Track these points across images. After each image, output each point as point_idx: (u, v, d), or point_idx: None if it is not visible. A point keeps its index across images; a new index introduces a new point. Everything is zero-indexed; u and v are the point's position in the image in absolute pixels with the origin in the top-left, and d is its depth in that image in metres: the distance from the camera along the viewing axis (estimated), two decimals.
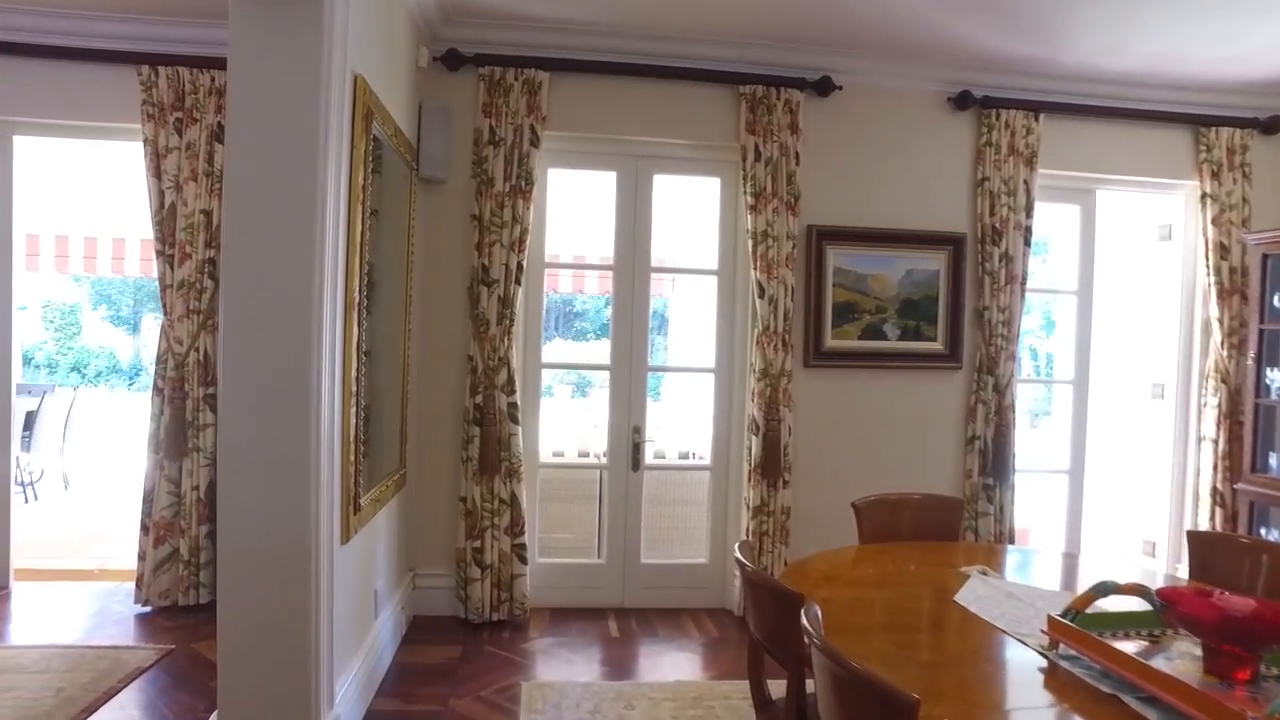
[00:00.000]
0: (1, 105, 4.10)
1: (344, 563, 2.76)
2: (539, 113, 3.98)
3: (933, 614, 2.06)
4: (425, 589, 4.12)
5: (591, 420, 7.09)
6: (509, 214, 3.95)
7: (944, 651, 1.82)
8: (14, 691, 3.11)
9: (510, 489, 4.01)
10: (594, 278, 8.40)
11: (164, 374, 3.98)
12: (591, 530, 4.80)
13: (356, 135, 2.71)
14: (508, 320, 3.95)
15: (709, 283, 4.52)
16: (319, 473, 2.44)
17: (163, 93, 3.95)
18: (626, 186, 4.29)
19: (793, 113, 4.14)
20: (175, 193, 3.95)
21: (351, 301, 2.72)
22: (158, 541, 3.98)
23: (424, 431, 4.09)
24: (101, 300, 17.49)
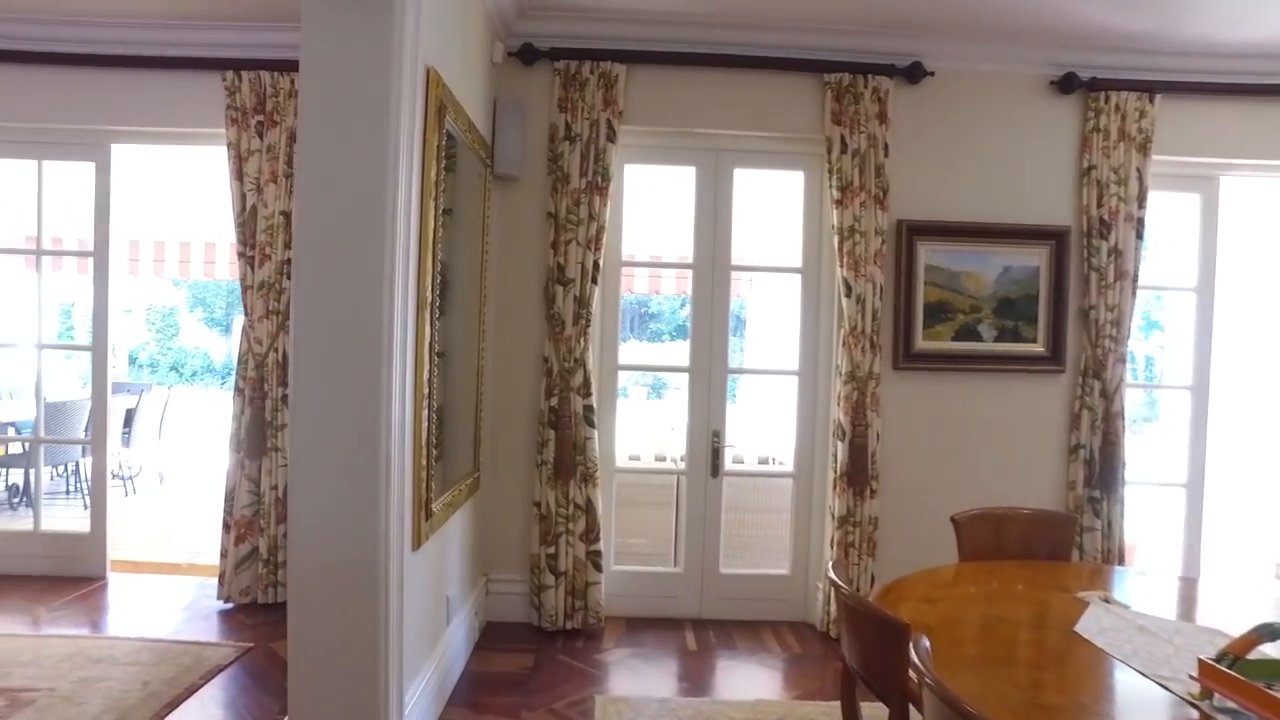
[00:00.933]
0: (100, 115, 4.24)
1: (415, 569, 2.69)
2: (615, 107, 3.87)
3: (1053, 647, 1.84)
4: (498, 595, 4.05)
5: (669, 423, 6.96)
6: (585, 211, 3.85)
7: (1071, 694, 1.61)
8: (106, 682, 3.17)
9: (585, 494, 3.91)
10: (671, 278, 8.27)
11: (245, 374, 4.03)
12: (667, 537, 4.66)
13: (429, 129, 2.64)
14: (584, 321, 3.85)
15: (790, 282, 4.33)
16: (389, 478, 2.37)
17: (245, 97, 4.00)
18: (706, 182, 4.14)
19: (881, 101, 3.92)
20: (256, 195, 4.00)
21: (424, 301, 2.65)
22: (238, 540, 4.03)
23: (498, 434, 4.03)
24: (197, 303, 18.31)
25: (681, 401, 4.28)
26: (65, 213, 4.58)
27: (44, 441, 4.96)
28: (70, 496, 6.41)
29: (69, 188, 4.56)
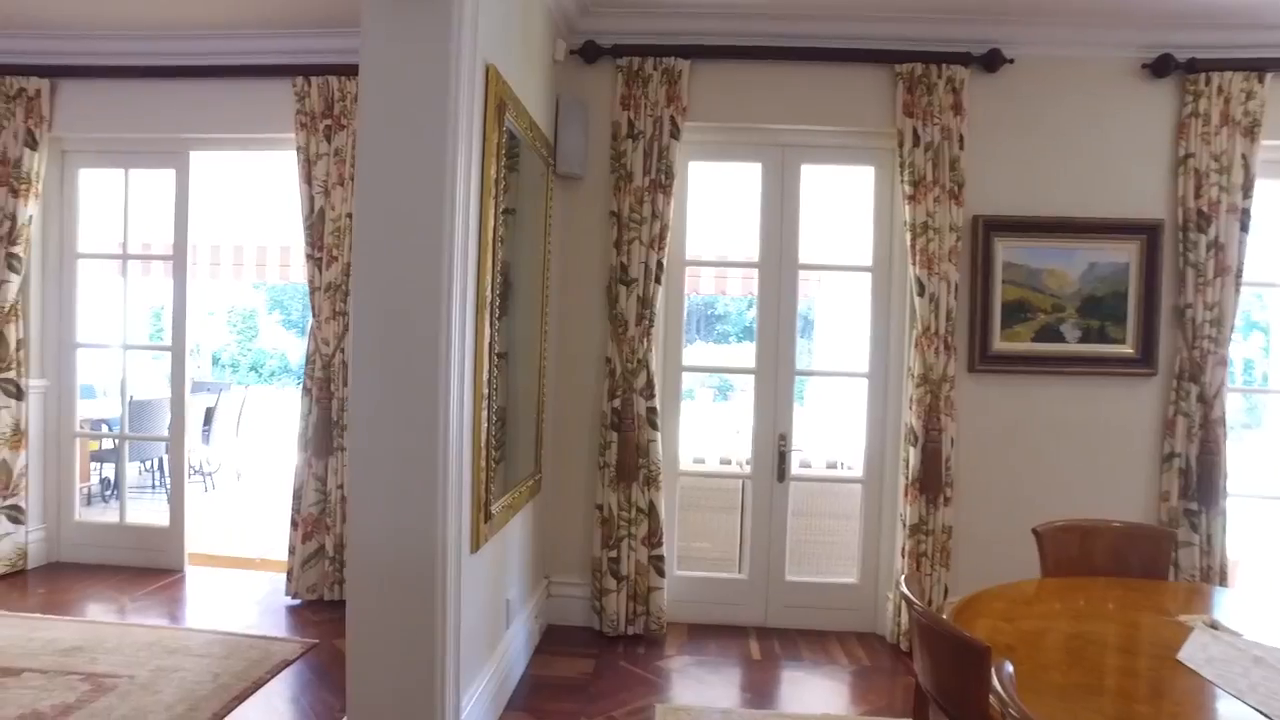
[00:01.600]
0: (180, 124, 4.38)
1: (473, 572, 2.66)
2: (679, 103, 3.80)
3: (1152, 678, 1.69)
4: (559, 598, 4.02)
5: (734, 426, 6.85)
6: (648, 210, 3.78)
7: None
8: (180, 673, 3.26)
9: (649, 498, 3.84)
10: (737, 278, 8.14)
11: (312, 374, 4.10)
12: (731, 541, 4.56)
13: (489, 127, 2.61)
14: (647, 321, 3.78)
15: (859, 281, 4.18)
16: (446, 479, 2.35)
17: (314, 102, 4.07)
18: (772, 178, 4.02)
19: (956, 91, 3.74)
20: (324, 197, 4.06)
21: (483, 300, 2.62)
22: (305, 537, 4.10)
23: (560, 436, 4.00)
24: (275, 305, 18.95)
25: (747, 404, 4.18)
26: (155, 219, 4.74)
27: (128, 438, 5.16)
28: (155, 491, 6.67)
29: (157, 195, 4.72)
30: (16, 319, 4.44)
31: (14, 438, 4.45)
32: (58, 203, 4.65)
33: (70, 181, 4.67)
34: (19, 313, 4.46)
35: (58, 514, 4.73)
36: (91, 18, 4.15)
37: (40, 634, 3.62)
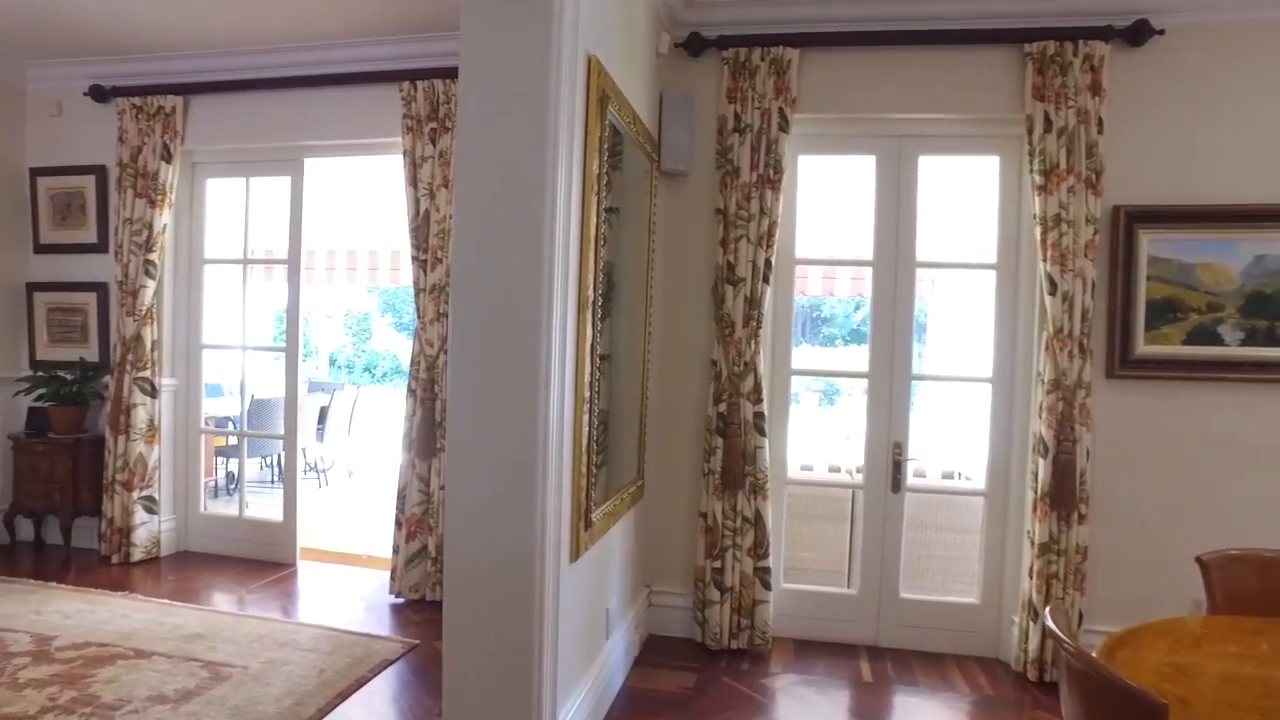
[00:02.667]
0: (295, 132, 4.53)
1: (572, 582, 2.58)
2: (788, 94, 3.62)
3: None
4: (660, 608, 3.91)
5: (842, 431, 6.58)
6: (756, 206, 3.63)
7: None
8: (288, 666, 3.33)
9: (755, 506, 3.68)
10: (845, 279, 7.85)
11: (417, 375, 4.14)
12: (839, 554, 4.35)
13: (590, 120, 2.52)
14: (754, 322, 3.62)
15: (979, 280, 3.90)
16: (545, 486, 2.27)
17: (419, 106, 4.11)
18: (887, 171, 3.79)
19: (1094, 70, 3.41)
20: (429, 200, 4.09)
21: (585, 301, 2.53)
22: (409, 537, 4.14)
23: (664, 441, 3.89)
24: (388, 308, 19.72)
25: (856, 409, 3.97)
26: (276, 225, 4.93)
27: (247, 435, 5.39)
28: (273, 486, 6.97)
29: (277, 201, 4.90)
30: (152, 321, 4.69)
31: (149, 433, 4.71)
32: (188, 211, 4.89)
33: (199, 191, 4.91)
34: (154, 315, 4.71)
35: (185, 506, 4.98)
36: (219, 36, 4.35)
37: (169, 620, 3.79)
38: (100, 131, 4.79)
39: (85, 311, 4.92)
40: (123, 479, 4.64)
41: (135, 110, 4.65)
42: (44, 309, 5.00)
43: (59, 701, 2.98)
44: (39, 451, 4.74)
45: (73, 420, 4.76)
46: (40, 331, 5.01)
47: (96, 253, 4.88)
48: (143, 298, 4.62)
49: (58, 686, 3.10)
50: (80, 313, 4.93)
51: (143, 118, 4.63)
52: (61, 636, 3.57)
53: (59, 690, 3.07)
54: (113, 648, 3.45)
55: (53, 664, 3.29)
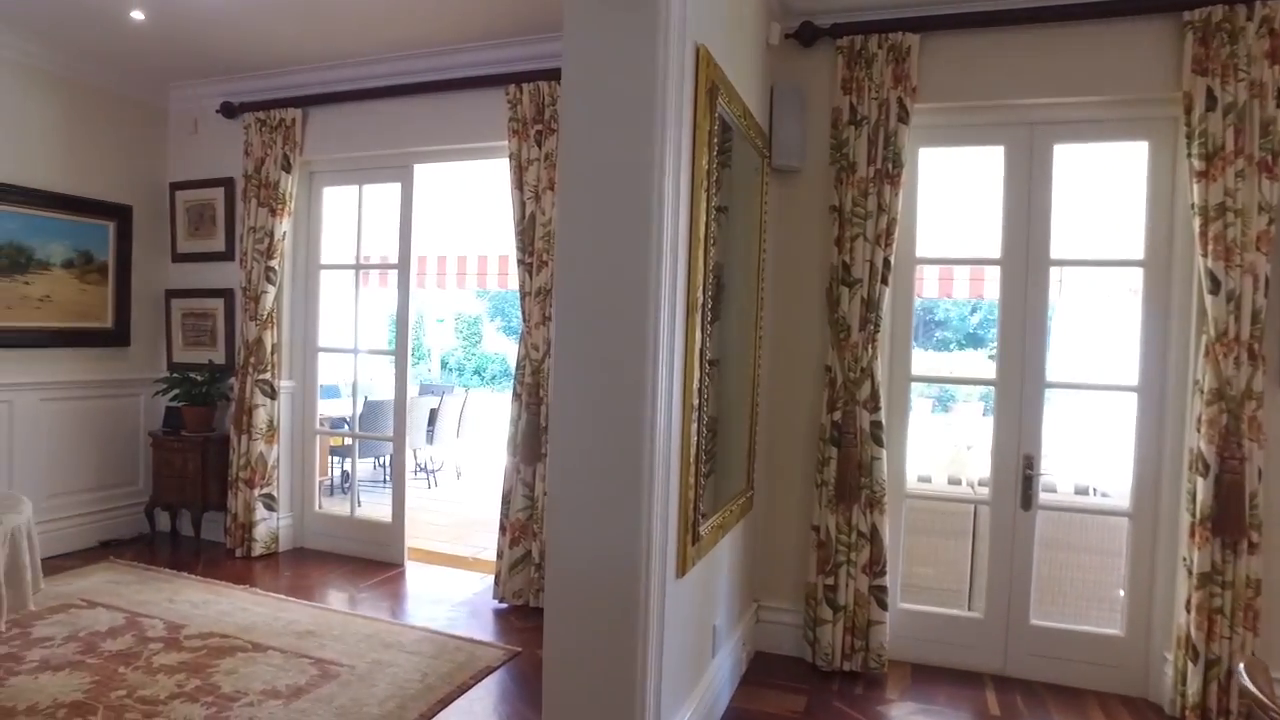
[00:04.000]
0: (404, 138, 4.61)
1: (678, 597, 2.46)
2: (907, 83, 3.40)
3: None
4: (769, 624, 3.74)
5: (960, 440, 6.23)
6: (873, 203, 3.42)
7: None
8: (393, 668, 3.35)
9: (871, 521, 3.46)
10: (963, 279, 7.46)
11: (522, 380, 4.12)
12: (958, 571, 4.05)
13: (699, 113, 2.40)
14: (872, 325, 3.41)
15: (1118, 277, 3.54)
16: (652, 498, 2.16)
17: (525, 108, 4.10)
18: (1018, 162, 3.50)
19: (1273, 34, 3.02)
20: (535, 202, 4.07)
21: (694, 303, 2.41)
22: (513, 542, 4.12)
23: (774, 450, 3.72)
24: (497, 313, 20.23)
25: (973, 416, 3.68)
26: (389, 231, 5.06)
27: (358, 437, 5.54)
28: (385, 486, 7.16)
29: (389, 207, 5.01)
30: (273, 325, 4.88)
31: (269, 433, 4.89)
32: (305, 219, 5.06)
33: (316, 199, 5.08)
34: (274, 320, 4.89)
35: (302, 504, 5.15)
36: (335, 50, 4.49)
37: (284, 615, 3.90)
38: (229, 146, 5.03)
39: (214, 316, 5.17)
40: (245, 476, 4.84)
41: (260, 124, 4.84)
42: (179, 314, 5.29)
43: (185, 689, 3.09)
44: (173, 448, 5.00)
45: (202, 419, 5.00)
46: (176, 335, 5.30)
47: (224, 260, 5.13)
48: (264, 303, 4.81)
49: (185, 674, 3.22)
50: (210, 317, 5.19)
51: (266, 130, 4.82)
52: (190, 625, 3.72)
53: (186, 678, 3.19)
54: (233, 639, 3.57)
55: (181, 651, 3.43)
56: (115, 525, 5.14)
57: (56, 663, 3.29)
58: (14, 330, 4.58)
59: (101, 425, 5.05)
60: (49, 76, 4.68)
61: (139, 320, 5.22)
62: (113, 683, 3.13)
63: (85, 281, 4.92)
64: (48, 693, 3.03)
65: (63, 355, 4.83)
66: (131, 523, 5.22)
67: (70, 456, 4.89)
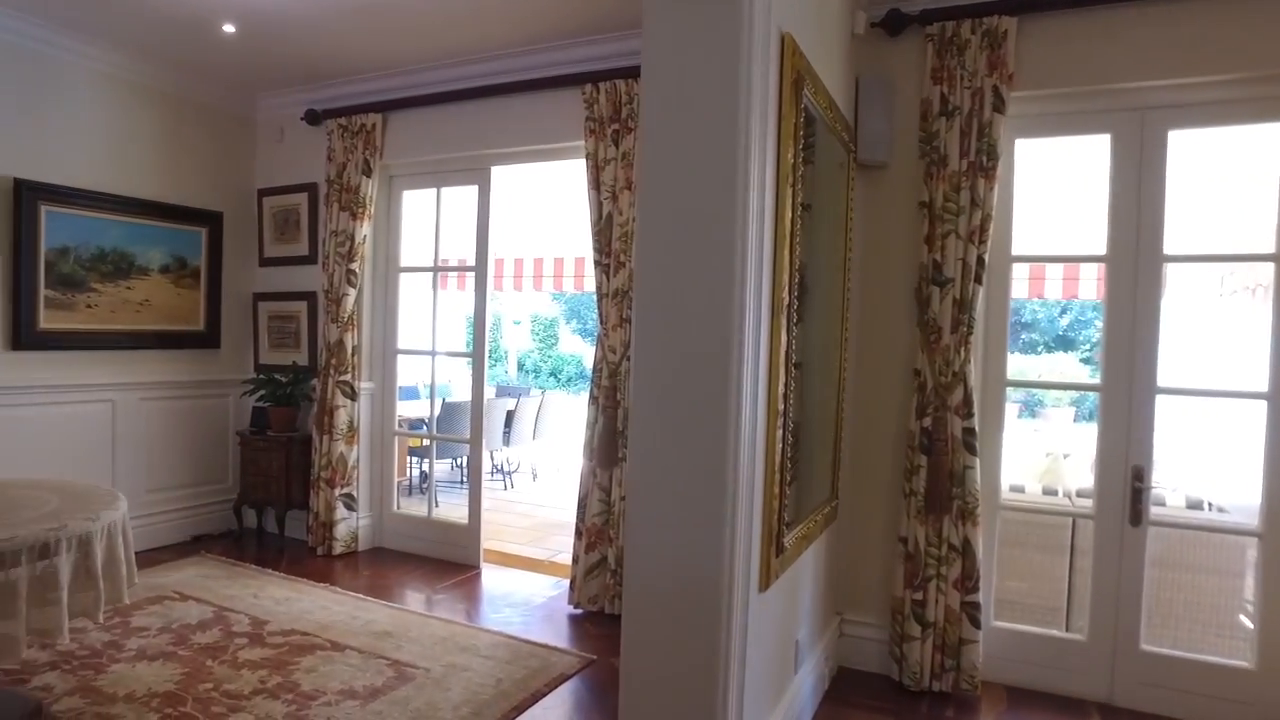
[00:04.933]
0: (481, 140, 4.63)
1: (761, 612, 2.34)
2: (1003, 70, 3.20)
3: None
4: (852, 638, 3.58)
5: (1050, 447, 5.91)
6: (966, 198, 3.23)
7: None
8: (467, 673, 3.33)
9: (963, 533, 3.27)
10: (1055, 279, 7.11)
11: (599, 383, 4.06)
12: (1054, 588, 3.81)
13: (785, 104, 2.29)
14: (964, 327, 3.22)
15: (1238, 273, 3.24)
16: (735, 508, 2.05)
17: (602, 107, 4.04)
18: (1126, 150, 3.26)
19: None
20: (612, 202, 4.01)
21: (780, 304, 2.30)
22: (589, 547, 4.06)
23: (860, 458, 3.56)
24: (573, 315, 20.36)
25: (1061, 421, 3.46)
26: (467, 233, 5.09)
27: (435, 438, 5.59)
28: (463, 487, 7.23)
29: (467, 210, 5.04)
30: (353, 328, 4.96)
31: (349, 434, 4.97)
32: (385, 222, 5.14)
33: (395, 202, 5.15)
34: (355, 322, 4.97)
35: (380, 504, 5.22)
36: (413, 54, 4.54)
37: (362, 614, 3.94)
38: (313, 152, 5.15)
39: (298, 318, 5.30)
40: (326, 476, 4.93)
41: (342, 129, 4.93)
42: (266, 317, 5.44)
43: (267, 685, 3.14)
44: (259, 447, 5.14)
45: (286, 419, 5.12)
46: (263, 337, 5.46)
47: (308, 264, 5.25)
48: (345, 305, 4.89)
49: (267, 670, 3.27)
50: (294, 320, 5.32)
51: (347, 136, 4.91)
52: (273, 622, 3.79)
53: (268, 674, 3.24)
54: (313, 638, 3.62)
55: (264, 648, 3.49)
56: (206, 521, 5.32)
57: (152, 653, 3.39)
58: (118, 333, 4.78)
59: (194, 424, 5.23)
60: (149, 91, 4.87)
61: (229, 323, 5.39)
62: (201, 675, 3.20)
63: (180, 286, 5.10)
64: (143, 682, 3.13)
65: (159, 357, 5.02)
66: (221, 519, 5.39)
67: (166, 454, 5.08)
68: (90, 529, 2.50)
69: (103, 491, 2.88)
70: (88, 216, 4.61)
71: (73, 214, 4.53)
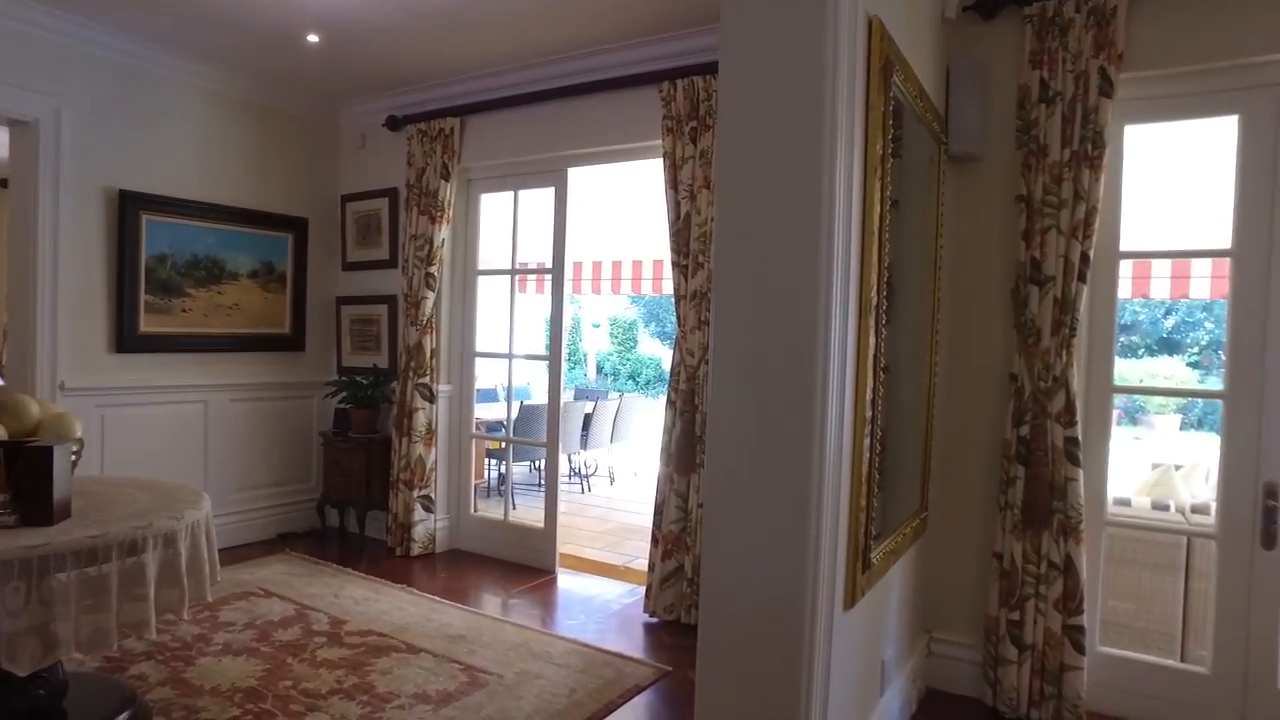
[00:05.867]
0: (557, 142, 4.61)
1: (846, 631, 2.20)
2: (1112, 49, 2.95)
3: None
4: (942, 658, 3.37)
5: (1153, 456, 5.51)
6: (1069, 190, 3.00)
7: None
8: (540, 680, 3.28)
9: (1065, 550, 3.04)
10: (1162, 278, 6.67)
11: (676, 386, 3.97)
12: (1166, 611, 3.52)
13: (873, 93, 2.15)
14: (1066, 329, 2.99)
15: None
16: (820, 520, 1.92)
17: (679, 105, 3.96)
18: (1258, 133, 2.96)
19: None
20: (689, 202, 3.92)
21: (868, 304, 2.15)
22: (665, 555, 3.97)
23: (950, 467, 3.36)
24: (651, 318, 20.34)
25: (1166, 429, 3.18)
26: (544, 236, 5.09)
27: (512, 441, 5.60)
28: (540, 489, 7.23)
29: (544, 212, 5.03)
30: (432, 331, 5.00)
31: (427, 436, 5.01)
32: (463, 225, 5.17)
33: (473, 205, 5.18)
34: (434, 325, 5.02)
35: (458, 506, 5.25)
36: (489, 57, 4.55)
37: (437, 617, 3.94)
38: (393, 157, 5.23)
39: (378, 322, 5.39)
40: (405, 478, 4.98)
41: (421, 134, 4.99)
42: (348, 320, 5.56)
43: (344, 685, 3.16)
44: (341, 449, 5.24)
45: (367, 421, 5.21)
46: (345, 340, 5.57)
47: (388, 268, 5.33)
48: (424, 308, 4.94)
49: (344, 670, 3.30)
50: (375, 323, 5.41)
51: (426, 140, 4.96)
52: (351, 622, 3.83)
53: (344, 674, 3.26)
54: (389, 639, 3.63)
55: (342, 647, 3.52)
56: (291, 519, 5.45)
57: (236, 648, 3.47)
58: (211, 336, 4.96)
59: (280, 425, 5.38)
60: (240, 103, 5.04)
61: (313, 326, 5.53)
62: (281, 672, 3.25)
63: (267, 290, 5.25)
64: (227, 676, 3.19)
65: (248, 359, 5.18)
66: (305, 517, 5.52)
67: (253, 453, 5.23)
68: (175, 528, 2.54)
69: (189, 491, 2.94)
70: (183, 224, 4.78)
71: (170, 222, 4.72)
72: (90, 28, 4.24)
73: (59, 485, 2.37)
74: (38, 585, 2.17)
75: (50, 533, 2.27)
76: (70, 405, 4.09)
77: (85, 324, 4.40)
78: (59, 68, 4.20)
